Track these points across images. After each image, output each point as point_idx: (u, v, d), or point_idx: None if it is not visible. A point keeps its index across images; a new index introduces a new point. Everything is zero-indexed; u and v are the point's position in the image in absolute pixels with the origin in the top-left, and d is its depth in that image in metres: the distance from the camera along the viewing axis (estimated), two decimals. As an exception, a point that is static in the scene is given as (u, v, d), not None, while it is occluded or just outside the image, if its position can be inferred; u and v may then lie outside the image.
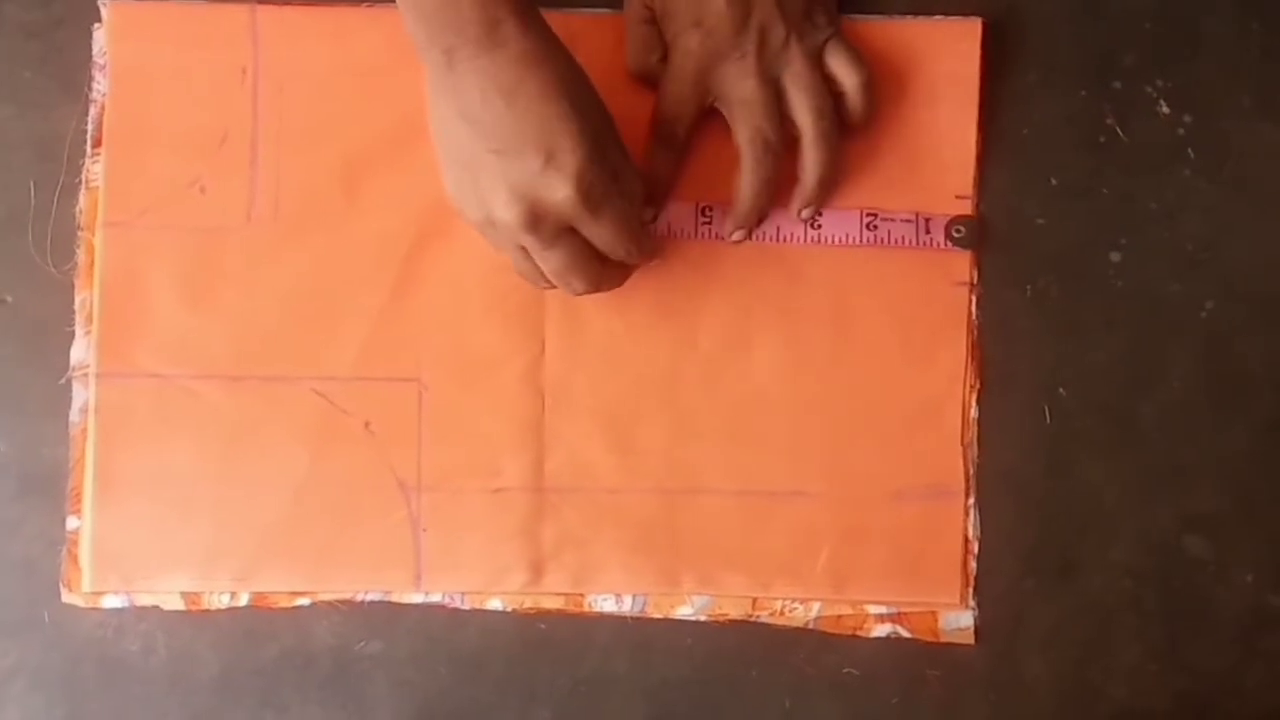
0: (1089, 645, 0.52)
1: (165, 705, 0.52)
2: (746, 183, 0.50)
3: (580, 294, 0.48)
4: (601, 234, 0.46)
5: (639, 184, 0.48)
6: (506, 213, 0.44)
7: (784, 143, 0.50)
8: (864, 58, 0.51)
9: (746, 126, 0.50)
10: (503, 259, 0.49)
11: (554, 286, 0.48)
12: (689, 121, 0.51)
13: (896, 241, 0.52)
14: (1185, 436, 0.53)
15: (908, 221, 0.52)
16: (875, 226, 0.52)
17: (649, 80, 0.52)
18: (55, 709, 0.52)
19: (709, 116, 0.51)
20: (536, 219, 0.44)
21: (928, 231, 0.52)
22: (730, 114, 0.50)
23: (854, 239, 0.52)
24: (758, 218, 0.52)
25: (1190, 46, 0.54)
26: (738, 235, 0.52)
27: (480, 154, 0.44)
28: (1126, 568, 0.52)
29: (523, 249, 0.46)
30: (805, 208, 0.52)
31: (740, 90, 0.50)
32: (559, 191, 0.44)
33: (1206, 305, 0.53)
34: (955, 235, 0.52)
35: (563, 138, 0.43)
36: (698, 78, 0.50)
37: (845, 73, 0.51)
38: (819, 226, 0.52)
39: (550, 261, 0.46)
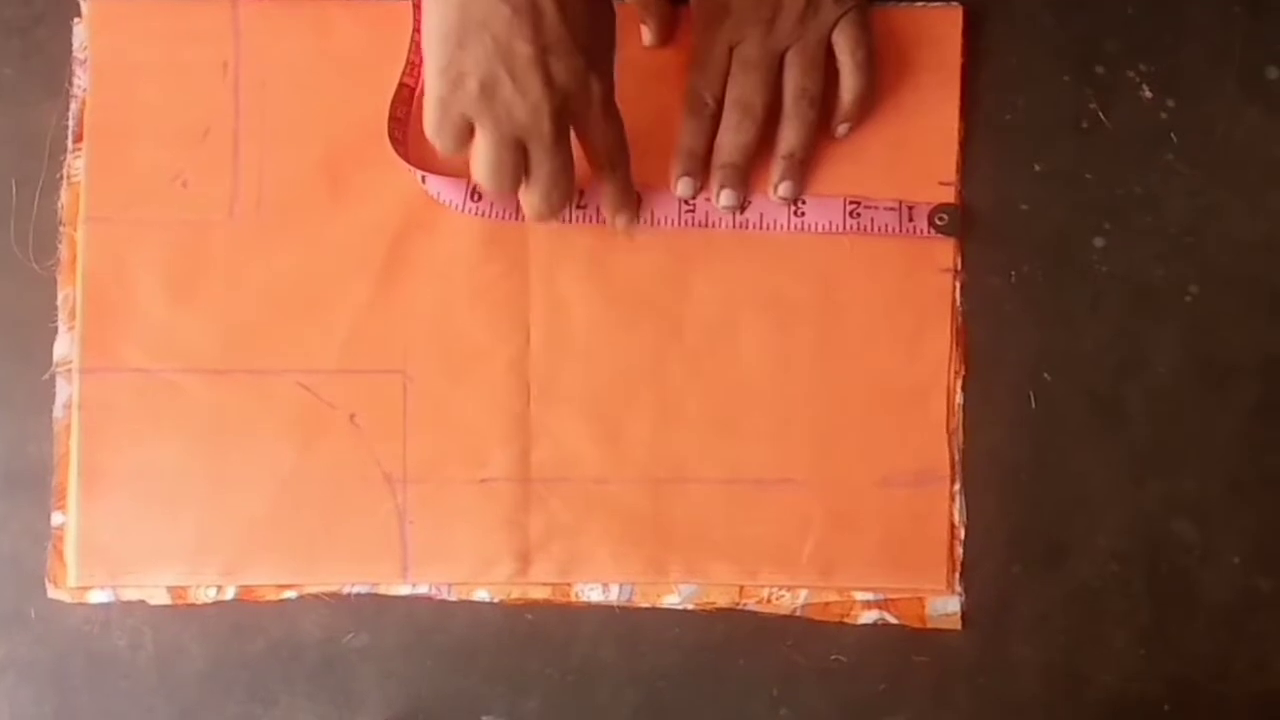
0: (1076, 630, 0.52)
1: (153, 700, 0.52)
2: (722, 142, 0.51)
3: (552, 210, 0.48)
4: (606, 134, 0.47)
5: None
6: (542, 102, 0.44)
7: (769, 113, 0.51)
8: (871, 38, 0.51)
9: (736, 88, 0.50)
10: (483, 251, 0.50)
11: (509, 194, 0.47)
12: (720, 89, 0.51)
13: (880, 230, 0.52)
14: (1171, 421, 0.53)
15: (891, 210, 0.52)
16: (858, 214, 0.52)
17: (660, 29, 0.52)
18: (44, 704, 0.52)
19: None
20: (566, 108, 0.45)
21: (910, 219, 0.52)
22: (730, 74, 0.51)
23: (837, 226, 0.52)
24: (737, 178, 0.51)
25: (1173, 31, 0.54)
26: (725, 198, 0.51)
27: (517, 45, 0.44)
28: (1113, 552, 0.52)
29: (514, 151, 0.46)
30: (779, 182, 0.52)
31: (743, 54, 0.50)
32: (595, 87, 0.45)
33: (1191, 290, 0.53)
34: (938, 223, 0.52)
35: (605, 40, 0.46)
36: (725, 44, 0.50)
37: (846, 49, 0.50)
38: (802, 214, 0.52)
39: (549, 164, 0.46)
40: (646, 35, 0.52)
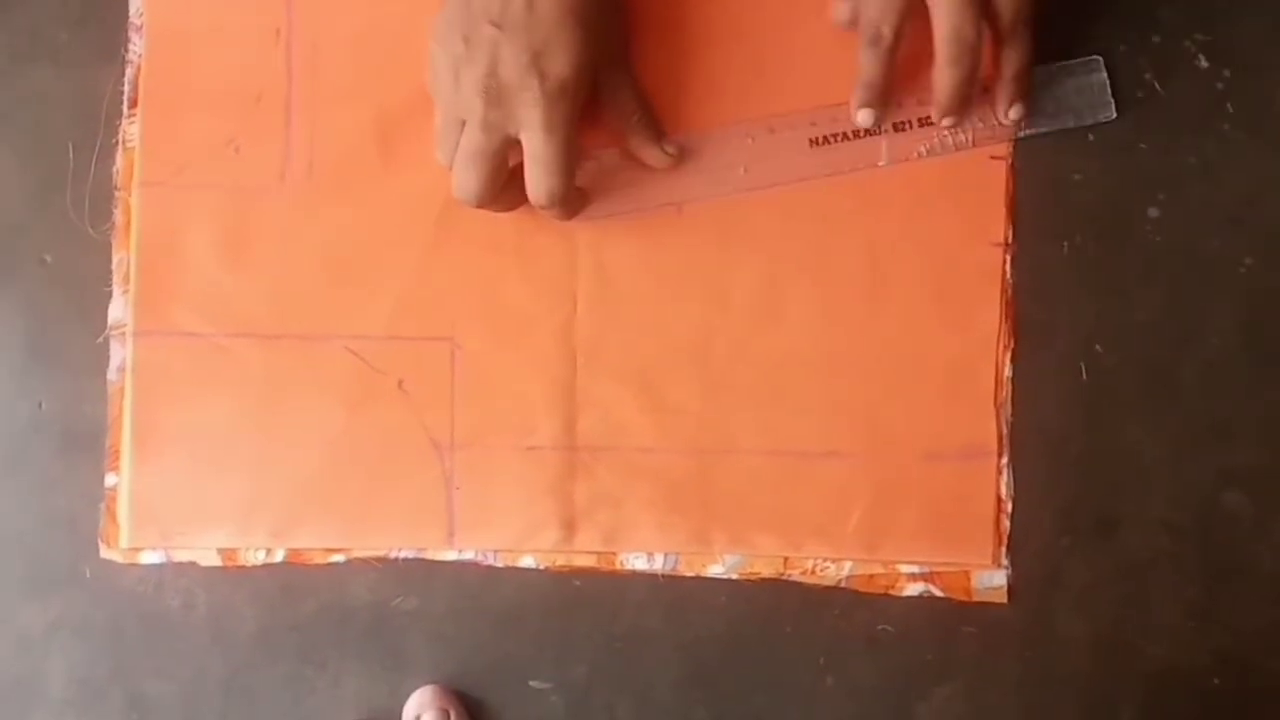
0: (1126, 603, 0.52)
1: (206, 659, 0.52)
2: (941, 81, 0.49)
3: (467, 195, 0.48)
4: (539, 154, 0.47)
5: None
6: (477, 82, 0.46)
7: (983, 40, 0.49)
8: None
9: (946, 24, 0.48)
10: (532, 220, 0.51)
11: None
12: (897, 19, 0.49)
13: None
14: (1223, 392, 0.52)
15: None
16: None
17: None
18: (99, 662, 0.53)
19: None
20: (498, 99, 0.47)
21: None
22: (933, 8, 0.48)
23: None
24: (958, 109, 0.50)
25: (1229, 0, 0.53)
26: (946, 121, 0.51)
27: (481, 16, 0.46)
28: (1164, 524, 0.52)
29: (461, 122, 0.48)
30: (1011, 105, 0.51)
31: None
32: (529, 92, 0.46)
33: (1245, 261, 0.53)
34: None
35: (560, 53, 0.46)
36: None
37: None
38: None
39: (472, 143, 0.47)
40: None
